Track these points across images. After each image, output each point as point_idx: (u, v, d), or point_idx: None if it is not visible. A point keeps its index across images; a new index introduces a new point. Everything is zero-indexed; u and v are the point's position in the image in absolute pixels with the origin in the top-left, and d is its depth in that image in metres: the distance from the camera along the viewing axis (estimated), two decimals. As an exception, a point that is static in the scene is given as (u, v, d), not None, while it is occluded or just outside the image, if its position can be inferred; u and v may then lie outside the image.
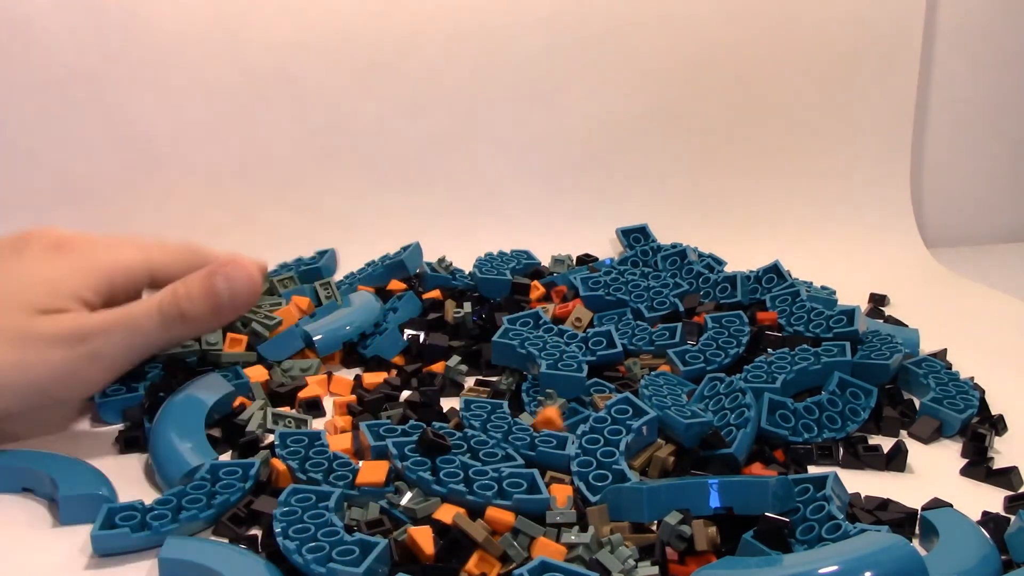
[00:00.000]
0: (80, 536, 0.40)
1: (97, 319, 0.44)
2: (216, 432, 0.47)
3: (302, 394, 0.52)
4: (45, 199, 0.69)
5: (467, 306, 0.60)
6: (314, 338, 0.55)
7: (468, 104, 0.77)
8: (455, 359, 0.55)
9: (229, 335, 0.52)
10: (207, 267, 0.46)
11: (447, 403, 0.52)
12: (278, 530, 0.37)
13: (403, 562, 0.37)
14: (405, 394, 0.52)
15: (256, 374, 0.52)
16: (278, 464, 0.43)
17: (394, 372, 0.56)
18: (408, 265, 0.66)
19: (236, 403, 0.49)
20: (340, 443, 0.46)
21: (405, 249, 0.67)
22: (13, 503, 0.42)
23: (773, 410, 0.49)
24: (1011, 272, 0.82)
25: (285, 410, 0.50)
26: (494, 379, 0.54)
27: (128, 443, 0.47)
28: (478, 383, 0.54)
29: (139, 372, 0.50)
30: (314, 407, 0.51)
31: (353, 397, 0.52)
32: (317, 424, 0.50)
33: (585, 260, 0.71)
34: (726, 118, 0.82)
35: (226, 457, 0.46)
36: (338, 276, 0.68)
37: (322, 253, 0.68)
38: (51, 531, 0.40)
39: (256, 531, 0.40)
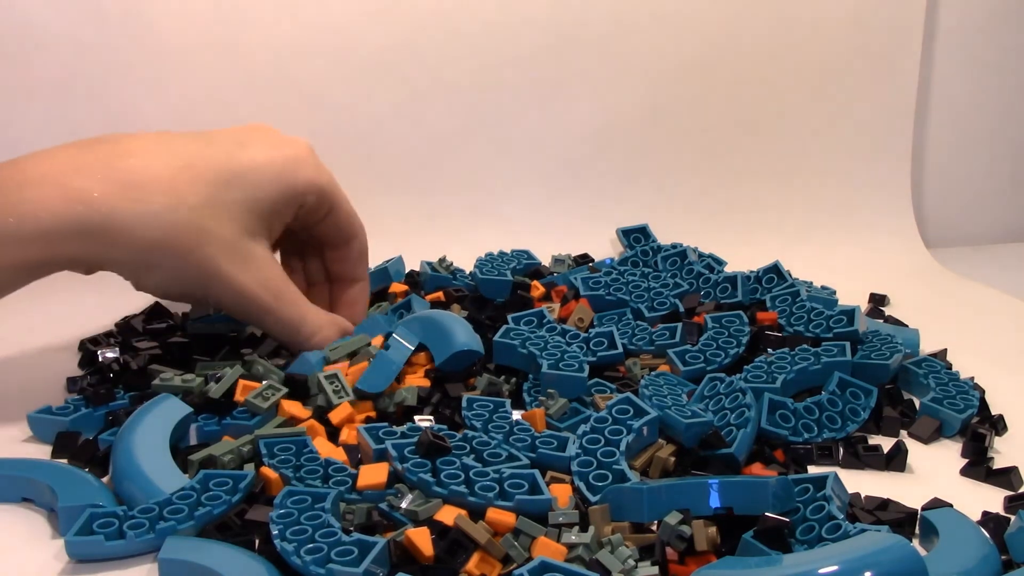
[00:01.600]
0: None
1: (289, 309, 0.52)
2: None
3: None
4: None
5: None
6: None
7: (468, 104, 0.77)
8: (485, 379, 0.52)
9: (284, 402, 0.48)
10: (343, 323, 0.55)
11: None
12: (275, 532, 0.37)
13: (402, 563, 0.37)
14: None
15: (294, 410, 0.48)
16: (269, 473, 0.42)
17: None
18: (392, 275, 0.66)
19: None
20: (329, 448, 0.45)
21: (387, 262, 0.67)
22: (12, 513, 0.42)
23: (773, 410, 0.49)
24: (1011, 272, 0.82)
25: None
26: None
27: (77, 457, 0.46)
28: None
29: (106, 395, 0.50)
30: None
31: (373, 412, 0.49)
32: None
33: (582, 260, 0.72)
34: (726, 118, 0.82)
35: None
36: None
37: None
38: (49, 541, 0.40)
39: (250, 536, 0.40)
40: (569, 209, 0.79)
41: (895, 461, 0.48)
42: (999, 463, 0.47)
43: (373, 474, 0.41)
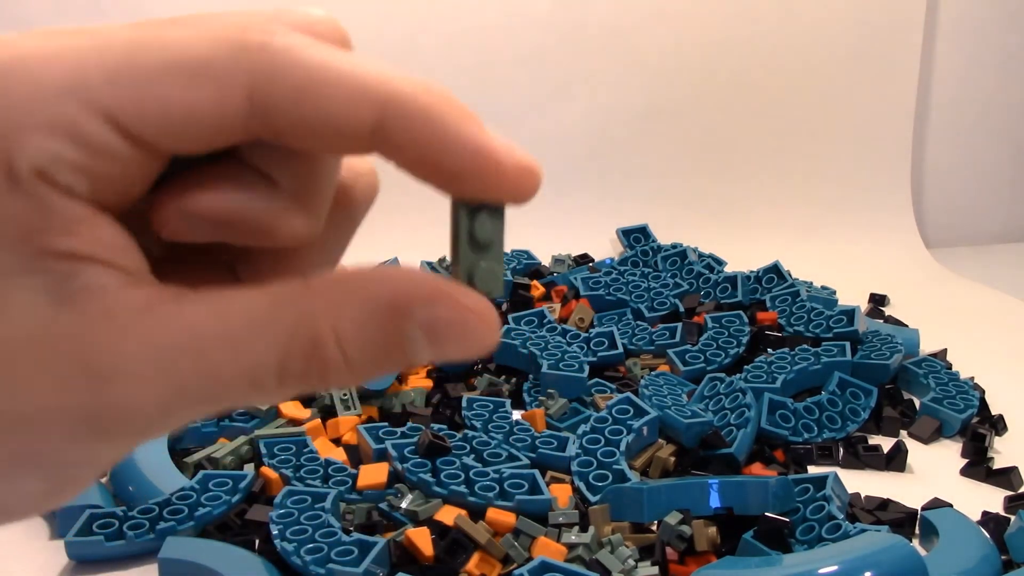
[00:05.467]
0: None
1: None
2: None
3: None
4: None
5: None
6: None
7: (467, 103, 0.77)
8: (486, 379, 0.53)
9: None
10: (384, 299, 0.16)
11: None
12: (275, 532, 0.37)
13: (402, 563, 0.37)
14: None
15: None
16: (269, 473, 0.42)
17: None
18: None
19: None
20: (329, 449, 0.45)
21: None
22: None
23: (773, 410, 0.49)
24: (1011, 272, 0.82)
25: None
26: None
27: None
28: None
29: None
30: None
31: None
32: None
33: (582, 260, 0.71)
34: (726, 118, 0.82)
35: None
36: None
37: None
38: (48, 542, 0.40)
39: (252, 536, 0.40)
40: (569, 209, 0.79)
41: (895, 461, 0.48)
42: (999, 463, 0.47)
43: (373, 474, 0.41)
